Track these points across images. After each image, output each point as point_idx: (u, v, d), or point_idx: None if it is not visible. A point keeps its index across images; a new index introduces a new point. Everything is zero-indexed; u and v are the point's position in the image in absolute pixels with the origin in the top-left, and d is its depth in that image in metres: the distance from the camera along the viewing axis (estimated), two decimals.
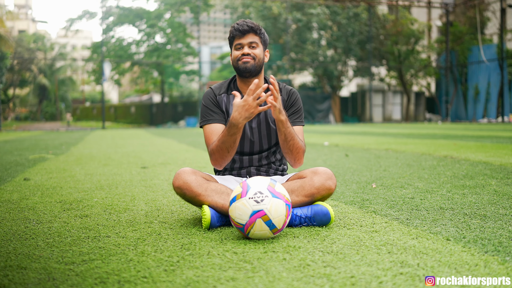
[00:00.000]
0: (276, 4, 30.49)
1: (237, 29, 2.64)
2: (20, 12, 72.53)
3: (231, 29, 2.68)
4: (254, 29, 2.64)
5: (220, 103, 2.73)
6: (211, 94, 2.76)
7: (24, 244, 2.21)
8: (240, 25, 2.63)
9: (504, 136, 11.35)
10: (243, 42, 2.63)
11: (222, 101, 2.74)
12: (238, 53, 2.64)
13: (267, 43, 2.73)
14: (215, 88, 2.79)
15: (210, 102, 2.73)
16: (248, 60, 2.62)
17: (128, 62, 34.38)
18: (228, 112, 2.71)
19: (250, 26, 2.63)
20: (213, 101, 2.73)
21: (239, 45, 2.64)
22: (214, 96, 2.75)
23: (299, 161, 2.65)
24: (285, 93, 2.76)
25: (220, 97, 2.74)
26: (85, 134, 17.98)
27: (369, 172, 4.86)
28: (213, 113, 2.71)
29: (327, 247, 2.09)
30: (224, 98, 2.75)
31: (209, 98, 2.74)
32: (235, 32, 2.65)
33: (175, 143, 11.04)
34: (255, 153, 2.75)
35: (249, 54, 2.62)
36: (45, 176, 4.89)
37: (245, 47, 2.63)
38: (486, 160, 5.67)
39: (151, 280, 1.70)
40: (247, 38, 2.63)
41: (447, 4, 33.78)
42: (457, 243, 2.11)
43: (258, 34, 2.65)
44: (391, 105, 35.69)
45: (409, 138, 11.72)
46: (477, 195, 3.34)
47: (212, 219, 2.45)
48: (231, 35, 2.68)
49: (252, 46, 2.64)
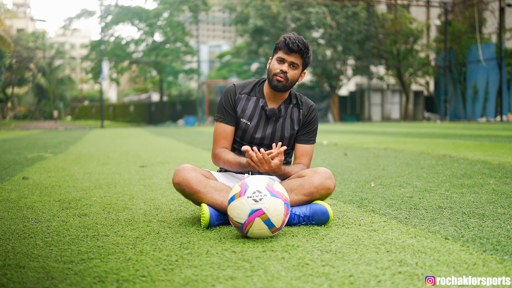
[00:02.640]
0: (275, 3, 30.47)
1: (287, 44, 2.59)
2: (19, 11, 72.43)
3: (281, 39, 2.63)
4: (302, 51, 2.60)
5: (237, 102, 2.75)
6: (232, 92, 2.77)
7: (22, 243, 2.21)
8: (291, 42, 2.58)
9: (503, 135, 11.36)
10: (287, 59, 2.61)
11: (240, 100, 2.76)
12: (277, 67, 2.63)
13: (309, 64, 2.71)
14: (237, 86, 2.80)
15: (228, 101, 2.76)
16: (282, 80, 2.62)
17: (126, 61, 34.33)
18: (241, 112, 2.74)
19: (300, 48, 2.58)
20: (230, 101, 2.75)
21: (281, 59, 2.62)
22: (234, 94, 2.77)
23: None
24: (306, 108, 2.80)
25: (239, 96, 2.76)
26: (83, 133, 17.96)
27: (367, 171, 4.86)
28: (227, 113, 2.75)
29: (326, 246, 2.09)
30: (243, 98, 2.76)
31: (228, 96, 2.77)
32: (284, 46, 2.60)
33: (174, 142, 11.03)
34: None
35: (286, 73, 2.61)
36: (43, 175, 4.88)
37: (285, 64, 2.61)
38: (484, 159, 5.67)
39: (150, 279, 1.70)
40: (291, 57, 2.60)
41: (446, 3, 33.78)
42: (455, 242, 2.12)
43: (303, 57, 2.62)
44: (390, 104, 35.71)
45: (408, 137, 11.73)
46: (476, 194, 3.35)
47: (211, 218, 2.45)
48: (279, 46, 2.64)
49: (292, 66, 2.62)
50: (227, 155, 2.69)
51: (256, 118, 2.74)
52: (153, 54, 32.58)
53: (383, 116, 35.35)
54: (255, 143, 2.76)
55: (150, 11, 32.56)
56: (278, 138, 2.76)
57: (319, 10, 30.41)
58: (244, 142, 2.77)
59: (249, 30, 31.36)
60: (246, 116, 2.74)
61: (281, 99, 2.77)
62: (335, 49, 32.37)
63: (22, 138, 13.88)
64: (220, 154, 2.71)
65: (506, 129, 15.47)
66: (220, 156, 2.70)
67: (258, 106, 2.75)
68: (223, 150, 2.73)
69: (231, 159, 2.66)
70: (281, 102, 2.76)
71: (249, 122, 2.74)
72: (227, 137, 2.75)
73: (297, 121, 2.78)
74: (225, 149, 2.75)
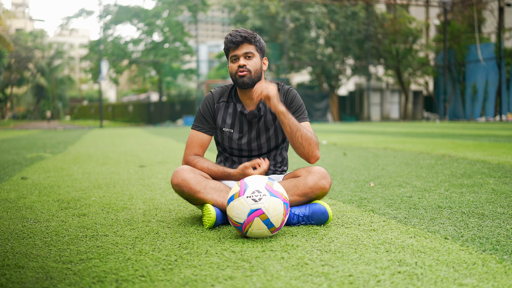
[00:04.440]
0: (273, 3, 30.46)
1: (230, 40, 2.55)
2: (17, 11, 72.38)
3: (224, 41, 2.59)
4: (248, 38, 2.55)
5: (216, 111, 2.71)
6: (210, 101, 2.73)
7: (21, 243, 2.20)
8: (233, 36, 2.54)
9: (502, 135, 11.36)
10: (238, 54, 2.55)
11: (219, 109, 2.71)
12: (235, 65, 2.57)
13: (264, 49, 2.65)
14: (215, 94, 2.74)
15: (207, 109, 2.72)
16: (245, 73, 2.56)
17: (125, 61, 34.33)
18: (222, 122, 2.69)
19: (243, 36, 2.53)
20: (209, 109, 2.71)
21: (234, 57, 2.57)
22: (212, 104, 2.72)
23: (313, 154, 2.57)
24: (282, 94, 2.69)
25: (217, 106, 2.71)
26: (82, 133, 17.95)
27: (367, 171, 4.86)
28: (204, 121, 2.72)
29: (325, 246, 2.09)
30: (222, 107, 2.71)
31: (206, 104, 2.72)
32: (229, 44, 2.56)
33: (173, 142, 11.03)
34: (253, 157, 2.75)
35: (245, 66, 2.55)
36: (42, 175, 4.88)
37: (240, 58, 2.56)
38: (484, 159, 5.67)
39: (149, 279, 1.70)
40: (242, 49, 2.55)
41: (445, 3, 33.80)
42: (455, 241, 2.11)
43: (253, 42, 2.57)
44: (389, 104, 35.73)
45: (407, 136, 11.73)
46: (475, 194, 3.35)
47: (217, 218, 2.43)
48: (226, 47, 2.59)
49: (248, 57, 2.56)
50: (204, 163, 2.64)
51: (238, 125, 2.69)
52: (152, 54, 32.58)
53: (382, 116, 35.37)
54: (243, 149, 2.72)
55: (149, 11, 32.57)
56: (265, 137, 2.71)
57: (318, 10, 30.41)
58: (234, 150, 2.74)
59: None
60: (227, 125, 2.70)
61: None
62: (334, 49, 32.38)
63: (21, 138, 13.88)
64: (195, 162, 2.66)
65: (505, 129, 15.48)
66: (196, 165, 2.65)
67: (237, 111, 2.70)
68: (197, 158, 2.68)
69: (212, 168, 2.62)
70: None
71: (232, 130, 2.69)
72: (203, 145, 2.72)
73: None
74: (199, 157, 2.70)
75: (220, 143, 2.81)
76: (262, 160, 2.53)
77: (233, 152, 2.76)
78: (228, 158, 2.79)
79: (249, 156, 2.74)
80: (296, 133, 2.52)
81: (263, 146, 2.73)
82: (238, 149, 2.73)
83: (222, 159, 2.82)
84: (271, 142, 2.73)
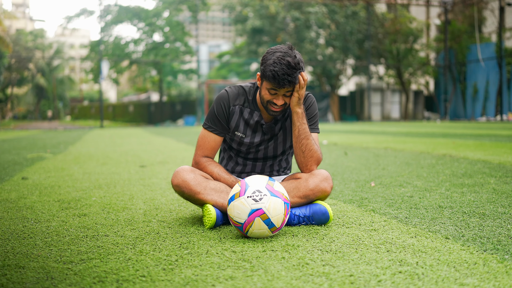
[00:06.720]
0: (273, 3, 30.46)
1: (276, 80, 2.34)
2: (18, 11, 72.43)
3: (268, 71, 2.34)
4: (294, 83, 2.38)
5: (231, 114, 2.61)
6: (226, 103, 2.60)
7: (22, 243, 2.20)
8: (280, 79, 2.33)
9: (503, 135, 11.35)
10: (278, 92, 2.41)
11: (234, 113, 2.61)
12: (271, 98, 2.44)
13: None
14: (231, 95, 2.61)
15: (221, 111, 2.60)
16: (279, 111, 2.49)
17: (126, 61, 34.33)
18: (235, 126, 2.62)
19: (290, 81, 2.35)
20: (224, 111, 2.60)
21: (274, 91, 2.41)
22: (227, 106, 2.60)
23: (309, 167, 2.55)
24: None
25: (233, 108, 2.61)
26: (83, 133, 17.95)
27: (367, 171, 4.86)
28: (218, 123, 2.62)
29: (326, 246, 2.09)
30: (237, 110, 2.61)
31: (222, 106, 2.60)
32: (272, 81, 2.35)
33: (174, 142, 11.03)
34: (259, 160, 2.74)
35: (283, 104, 2.45)
36: (43, 175, 4.88)
37: (280, 97, 2.44)
38: (485, 159, 5.67)
39: (150, 279, 1.70)
40: (283, 90, 2.41)
41: (445, 3, 33.77)
42: (456, 241, 2.11)
43: (296, 82, 2.40)
44: (389, 104, 35.72)
45: (408, 136, 11.72)
46: (476, 194, 3.34)
47: (217, 219, 2.43)
48: (266, 76, 2.37)
49: (286, 95, 2.44)
50: (214, 168, 2.61)
51: (251, 132, 2.63)
52: (153, 54, 32.59)
53: (383, 115, 35.36)
54: (251, 151, 2.70)
55: (150, 11, 32.58)
56: (274, 143, 2.68)
57: (318, 10, 30.40)
58: (241, 152, 2.70)
59: (248, 31, 31.37)
60: (240, 130, 2.62)
61: None
62: (335, 48, 32.37)
63: (21, 138, 13.88)
64: (206, 165, 2.62)
65: (506, 129, 15.47)
66: (206, 168, 2.61)
67: (253, 119, 2.61)
68: (209, 162, 2.64)
69: (223, 175, 2.59)
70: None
71: (244, 135, 2.63)
72: (215, 147, 2.65)
73: None
74: (210, 160, 2.66)
75: (227, 142, 2.77)
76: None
77: (239, 154, 2.75)
78: (233, 158, 2.77)
79: (254, 159, 2.73)
80: (302, 140, 2.51)
81: (270, 151, 2.71)
82: (245, 152, 2.71)
83: (225, 157, 2.80)
84: (278, 149, 2.72)
